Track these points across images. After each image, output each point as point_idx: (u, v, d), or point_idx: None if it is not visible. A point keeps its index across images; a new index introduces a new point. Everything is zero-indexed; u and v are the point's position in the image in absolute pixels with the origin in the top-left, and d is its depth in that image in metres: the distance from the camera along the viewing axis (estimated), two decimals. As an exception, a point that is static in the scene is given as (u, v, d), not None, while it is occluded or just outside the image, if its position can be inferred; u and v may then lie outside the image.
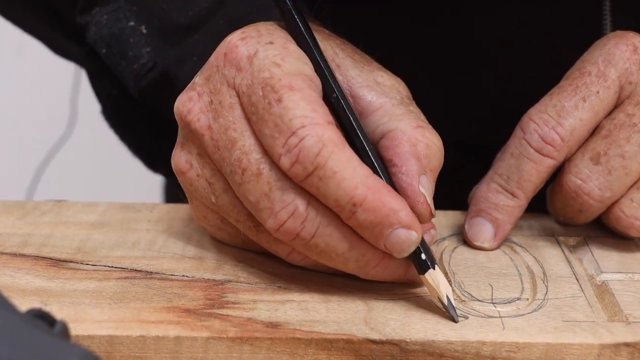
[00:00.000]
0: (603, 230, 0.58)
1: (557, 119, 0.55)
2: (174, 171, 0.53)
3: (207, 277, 0.52)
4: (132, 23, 0.63)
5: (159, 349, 0.47)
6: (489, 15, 0.67)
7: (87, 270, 0.52)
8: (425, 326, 0.48)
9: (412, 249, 0.49)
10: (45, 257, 0.53)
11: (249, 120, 0.49)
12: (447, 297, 0.49)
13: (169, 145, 0.68)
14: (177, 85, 0.61)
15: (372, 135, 0.51)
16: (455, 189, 0.60)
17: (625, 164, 0.55)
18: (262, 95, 0.48)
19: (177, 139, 0.53)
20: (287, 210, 0.48)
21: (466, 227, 0.57)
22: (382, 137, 0.51)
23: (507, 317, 0.49)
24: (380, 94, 0.52)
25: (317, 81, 0.50)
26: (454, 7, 0.67)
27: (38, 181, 1.63)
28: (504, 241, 0.57)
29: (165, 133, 0.68)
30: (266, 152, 0.49)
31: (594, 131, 0.56)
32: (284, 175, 0.48)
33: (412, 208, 0.49)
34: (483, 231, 0.56)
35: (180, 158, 0.52)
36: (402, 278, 0.51)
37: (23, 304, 0.48)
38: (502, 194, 0.56)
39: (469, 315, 0.49)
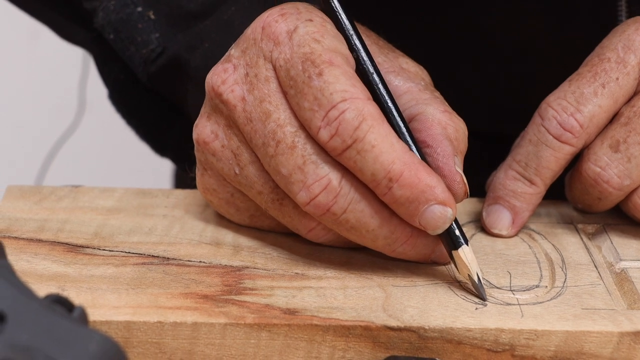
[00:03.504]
0: (622, 217, 0.58)
1: (576, 106, 0.55)
2: (196, 142, 0.53)
3: (225, 263, 0.52)
4: (139, 9, 0.63)
5: (177, 334, 0.47)
6: (497, 4, 0.66)
7: (104, 255, 0.52)
8: (444, 313, 0.48)
9: (447, 225, 0.49)
10: (62, 243, 0.53)
11: (285, 93, 0.49)
12: (478, 275, 0.50)
13: (176, 129, 0.68)
14: (188, 70, 0.61)
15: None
16: (471, 177, 0.59)
17: (644, 152, 0.54)
18: (302, 69, 0.48)
19: (203, 110, 0.53)
20: (320, 184, 0.48)
21: (484, 214, 0.57)
22: (410, 120, 0.52)
23: (526, 304, 0.49)
24: (407, 79, 0.53)
25: (352, 61, 0.50)
26: None
27: (47, 169, 1.63)
28: (522, 229, 0.56)
29: (172, 118, 0.68)
30: (301, 125, 0.49)
31: (613, 118, 0.56)
32: (319, 149, 0.49)
33: (449, 188, 0.49)
34: (501, 218, 0.56)
35: (205, 128, 0.52)
36: (426, 258, 0.51)
37: (40, 290, 0.48)
38: (520, 181, 0.56)
39: (487, 302, 0.49)
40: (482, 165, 0.61)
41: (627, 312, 0.49)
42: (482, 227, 0.57)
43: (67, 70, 1.53)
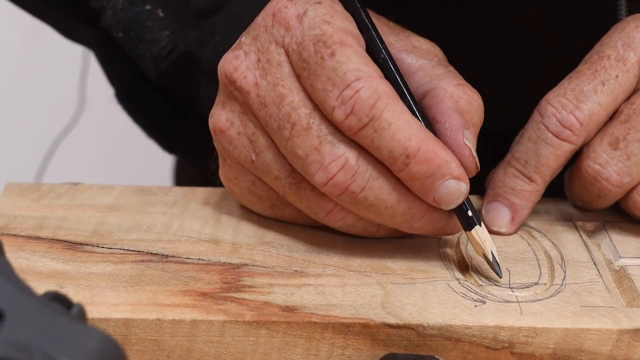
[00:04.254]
0: (621, 215, 0.58)
1: (576, 103, 0.55)
2: (212, 131, 0.53)
3: (223, 261, 0.52)
4: (148, 7, 0.63)
5: (175, 332, 0.47)
6: (496, 3, 0.66)
7: (102, 253, 0.52)
8: (443, 311, 0.48)
9: (461, 200, 0.50)
10: (60, 240, 0.53)
11: (298, 77, 0.50)
12: (492, 253, 0.50)
13: (185, 126, 0.68)
14: (199, 64, 0.61)
15: (414, 95, 0.52)
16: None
17: (644, 149, 0.54)
18: (314, 50, 0.49)
19: (217, 99, 0.53)
20: (338, 163, 0.49)
21: (483, 211, 0.56)
22: (423, 96, 0.52)
23: (525, 302, 0.49)
24: (419, 56, 0.54)
25: (362, 41, 0.50)
26: None
27: (46, 166, 1.63)
28: (521, 226, 0.56)
29: (181, 114, 0.68)
30: (315, 107, 0.49)
31: (613, 116, 0.56)
32: (334, 129, 0.49)
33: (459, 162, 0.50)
34: (500, 216, 0.56)
35: (221, 117, 0.53)
36: (441, 231, 0.52)
37: (39, 287, 0.48)
38: (519, 179, 0.56)
39: (486, 299, 0.49)
40: (481, 163, 0.61)
41: (626, 309, 0.49)
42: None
43: (66, 67, 1.52)
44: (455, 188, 0.49)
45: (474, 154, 0.51)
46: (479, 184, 0.59)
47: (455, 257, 0.53)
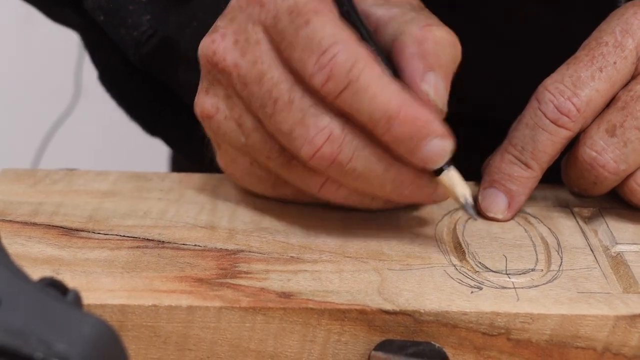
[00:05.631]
0: (618, 201, 0.57)
1: (573, 90, 0.54)
2: (199, 118, 0.53)
3: (220, 247, 0.52)
4: None
5: (172, 318, 0.47)
6: None
7: (98, 239, 0.52)
8: (439, 297, 0.48)
9: (447, 158, 0.49)
10: (56, 226, 0.53)
11: (277, 51, 0.49)
12: (465, 197, 0.50)
13: (167, 109, 0.68)
14: (178, 50, 0.61)
15: (387, 47, 0.51)
16: (465, 161, 0.59)
17: (641, 136, 0.54)
18: (289, 20, 0.48)
19: (200, 86, 0.53)
20: (323, 135, 0.48)
21: (479, 198, 0.56)
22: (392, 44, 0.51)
23: (522, 288, 0.49)
24: (391, 7, 0.52)
25: (335, 8, 0.49)
26: None
27: (43, 153, 1.63)
28: (518, 212, 0.56)
29: (164, 99, 0.68)
30: (296, 81, 0.49)
31: (610, 102, 0.55)
32: (317, 101, 0.48)
33: None
34: (497, 202, 0.56)
35: (205, 103, 0.52)
36: (431, 198, 0.51)
37: (35, 273, 0.48)
38: (516, 165, 0.56)
39: (482, 286, 0.49)
40: (474, 151, 0.61)
41: (622, 295, 0.49)
42: (478, 211, 0.56)
43: (63, 54, 1.52)
44: (440, 147, 0.48)
45: (434, 98, 0.49)
46: (474, 171, 0.59)
47: (452, 242, 0.53)
